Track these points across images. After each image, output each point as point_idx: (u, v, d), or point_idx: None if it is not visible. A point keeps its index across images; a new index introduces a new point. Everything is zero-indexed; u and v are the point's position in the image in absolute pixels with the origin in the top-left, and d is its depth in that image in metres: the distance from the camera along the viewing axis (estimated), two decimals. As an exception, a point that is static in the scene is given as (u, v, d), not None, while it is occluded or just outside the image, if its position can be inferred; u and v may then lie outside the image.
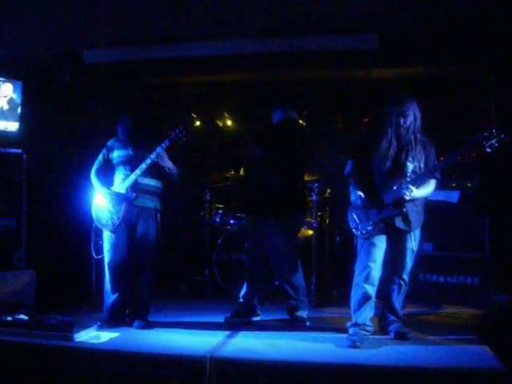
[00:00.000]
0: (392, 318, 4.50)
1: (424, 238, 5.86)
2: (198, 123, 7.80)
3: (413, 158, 4.29)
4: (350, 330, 4.35)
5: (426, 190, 4.34)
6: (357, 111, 7.21)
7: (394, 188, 4.25)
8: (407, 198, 4.21)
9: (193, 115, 7.71)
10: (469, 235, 5.84)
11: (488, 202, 5.86)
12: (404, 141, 4.31)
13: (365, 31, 5.79)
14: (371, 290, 4.36)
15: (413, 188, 4.18)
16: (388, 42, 5.78)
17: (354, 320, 4.40)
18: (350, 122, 7.39)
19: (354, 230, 4.47)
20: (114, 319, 4.89)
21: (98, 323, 4.77)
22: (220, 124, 7.97)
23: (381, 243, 4.36)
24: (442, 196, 5.89)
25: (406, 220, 4.31)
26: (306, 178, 5.82)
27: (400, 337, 4.37)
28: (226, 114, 7.89)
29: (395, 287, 4.45)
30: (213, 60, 6.27)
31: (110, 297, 4.93)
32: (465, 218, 5.87)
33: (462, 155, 4.15)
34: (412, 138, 4.31)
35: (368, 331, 4.38)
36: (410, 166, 4.27)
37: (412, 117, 4.28)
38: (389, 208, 4.29)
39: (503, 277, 5.67)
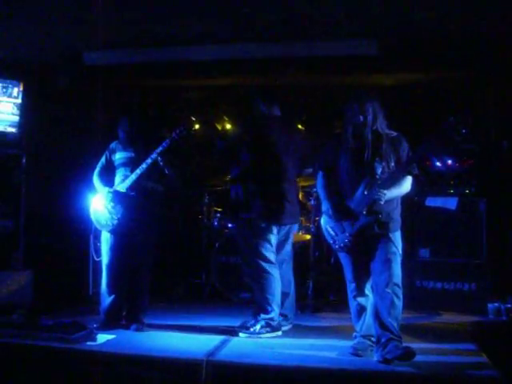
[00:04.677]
0: (388, 336, 3.95)
1: (421, 244, 5.94)
2: (197, 126, 7.81)
3: (380, 158, 4.01)
4: (355, 340, 4.24)
5: (401, 188, 4.06)
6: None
7: (366, 193, 3.97)
8: (382, 202, 3.94)
9: (192, 118, 7.72)
10: (466, 242, 5.82)
11: (485, 208, 5.85)
12: (366, 140, 4.05)
13: (364, 37, 5.81)
14: (363, 301, 4.18)
15: (384, 191, 3.92)
16: (387, 48, 5.80)
17: (357, 330, 4.26)
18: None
19: (331, 244, 4.23)
20: (111, 321, 4.88)
21: (95, 325, 4.76)
22: (219, 127, 7.98)
23: (362, 252, 4.10)
24: (440, 203, 5.90)
25: (382, 224, 4.02)
26: (304, 182, 5.83)
27: (402, 358, 3.85)
28: (226, 118, 7.90)
29: (386, 300, 3.97)
30: (212, 64, 6.28)
31: (107, 299, 4.93)
32: (462, 225, 5.86)
33: (432, 146, 3.98)
34: (374, 137, 4.05)
35: (374, 342, 4.10)
36: (379, 168, 3.99)
37: (371, 115, 4.04)
38: (363, 216, 4.00)
39: (500, 284, 5.68)
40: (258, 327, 4.72)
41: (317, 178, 4.42)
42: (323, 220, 4.28)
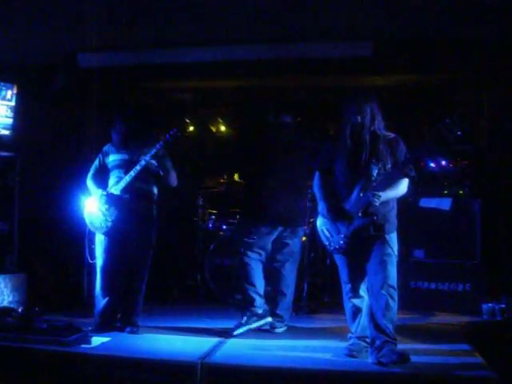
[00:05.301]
0: (383, 338, 3.93)
1: (416, 244, 5.95)
2: (191, 128, 7.82)
3: (377, 160, 3.98)
4: (350, 341, 4.23)
5: (397, 190, 4.05)
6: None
7: (361, 195, 3.96)
8: (377, 204, 3.93)
9: (186, 120, 7.73)
10: (460, 242, 5.84)
11: (479, 209, 5.87)
12: (363, 141, 4.02)
13: (359, 39, 5.82)
14: (359, 302, 4.17)
15: (380, 193, 3.91)
16: (381, 49, 5.82)
17: (352, 332, 4.25)
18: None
19: (326, 245, 4.20)
20: (105, 324, 4.86)
21: (90, 328, 4.75)
22: (213, 129, 7.99)
23: (357, 254, 4.09)
24: (434, 203, 5.91)
25: (377, 225, 4.00)
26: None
27: (397, 363, 3.82)
28: (220, 120, 7.91)
29: (381, 302, 3.96)
30: (207, 66, 6.29)
31: (101, 301, 4.90)
32: (456, 225, 5.88)
33: (427, 147, 4.02)
34: (371, 138, 4.02)
35: (369, 344, 4.09)
36: (375, 169, 3.95)
37: (369, 116, 4.01)
38: (358, 218, 3.99)
39: (495, 284, 5.69)
40: (245, 319, 4.85)
41: (313, 178, 4.41)
42: (319, 221, 4.27)
